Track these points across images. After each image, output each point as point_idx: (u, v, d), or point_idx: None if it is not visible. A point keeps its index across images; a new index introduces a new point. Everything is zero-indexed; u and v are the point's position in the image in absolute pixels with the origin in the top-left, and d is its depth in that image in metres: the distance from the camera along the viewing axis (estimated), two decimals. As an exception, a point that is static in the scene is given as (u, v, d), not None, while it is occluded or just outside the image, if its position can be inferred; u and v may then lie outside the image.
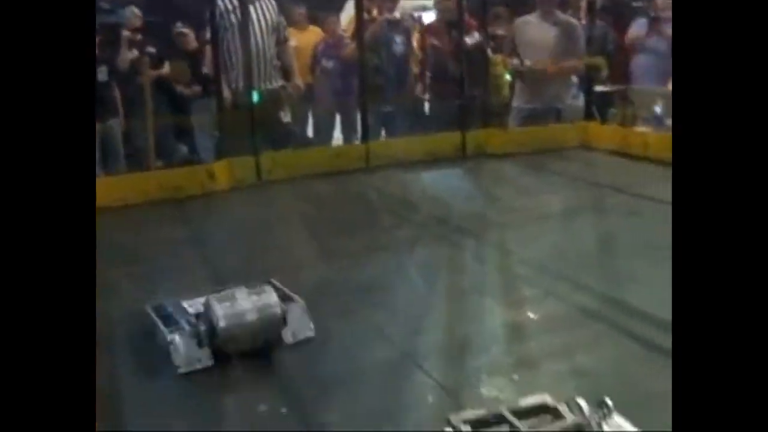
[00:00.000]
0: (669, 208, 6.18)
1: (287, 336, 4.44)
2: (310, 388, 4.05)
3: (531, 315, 4.90)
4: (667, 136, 10.08)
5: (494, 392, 3.92)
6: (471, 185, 9.30)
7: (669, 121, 10.47)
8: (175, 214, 8.18)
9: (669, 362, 4.12)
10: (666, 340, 4.36)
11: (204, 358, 4.21)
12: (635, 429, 3.20)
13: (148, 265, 6.39)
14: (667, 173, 8.98)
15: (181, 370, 4.14)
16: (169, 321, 4.45)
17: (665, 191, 7.84)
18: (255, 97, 9.55)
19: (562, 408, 3.34)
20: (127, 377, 4.22)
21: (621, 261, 5.99)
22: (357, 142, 10.46)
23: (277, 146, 9.96)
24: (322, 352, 4.43)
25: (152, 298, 5.05)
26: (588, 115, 11.43)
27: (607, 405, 3.28)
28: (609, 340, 4.52)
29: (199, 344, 4.19)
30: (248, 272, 5.97)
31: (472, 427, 3.13)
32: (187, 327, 4.30)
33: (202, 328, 4.18)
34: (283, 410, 3.81)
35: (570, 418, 3.24)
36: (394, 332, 4.70)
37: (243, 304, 4.21)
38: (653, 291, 5.11)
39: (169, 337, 4.21)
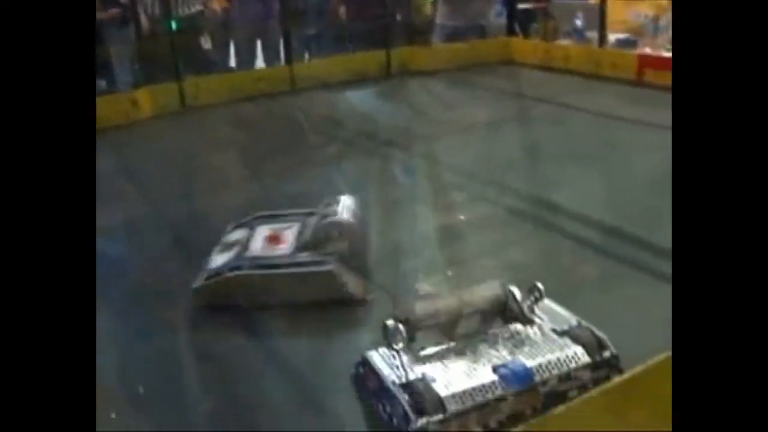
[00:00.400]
0: (591, 117, 6.30)
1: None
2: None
3: (462, 218, 5.05)
4: (588, 48, 10.29)
5: (431, 289, 4.06)
6: (397, 102, 9.34)
7: (589, 34, 10.66)
8: (102, 144, 7.98)
9: (596, 254, 4.40)
10: (591, 234, 4.59)
11: None
12: (565, 312, 3.39)
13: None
14: (588, 84, 9.22)
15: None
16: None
17: (587, 101, 8.14)
18: (173, 24, 9.34)
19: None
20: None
21: (547, 166, 6.17)
22: (280, 65, 10.33)
23: (200, 72, 9.78)
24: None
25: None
26: (510, 31, 11.53)
27: (538, 289, 3.45)
28: (537, 237, 4.71)
29: None
30: (180, 194, 5.99)
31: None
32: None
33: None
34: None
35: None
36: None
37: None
38: (579, 192, 5.34)
39: None
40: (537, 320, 3.30)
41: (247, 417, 3.11)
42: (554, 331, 3.21)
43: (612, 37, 10.42)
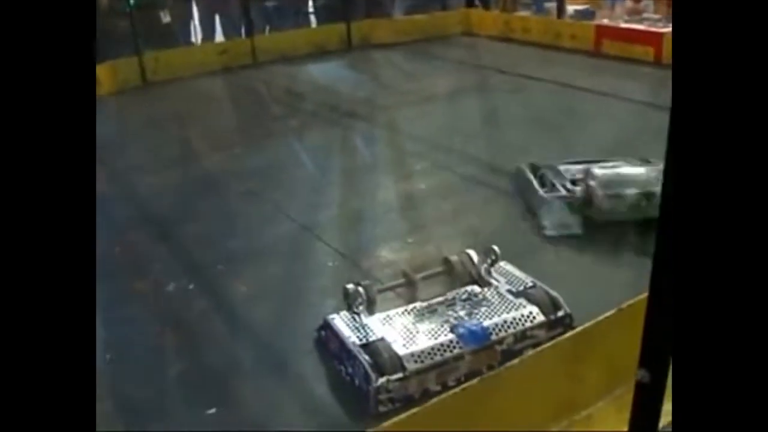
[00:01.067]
0: (550, 86, 6.40)
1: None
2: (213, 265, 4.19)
3: (422, 186, 5.14)
4: (547, 19, 10.39)
5: (391, 255, 4.17)
6: (358, 74, 9.36)
7: (548, 5, 10.76)
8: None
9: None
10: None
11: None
12: (521, 273, 3.51)
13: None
14: (547, 54, 9.33)
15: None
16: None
17: (545, 71, 8.26)
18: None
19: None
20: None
21: (505, 134, 6.28)
22: (241, 38, 10.28)
23: (160, 47, 9.70)
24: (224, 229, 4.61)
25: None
26: (470, 3, 11.60)
27: (494, 252, 3.57)
28: (495, 203, 4.81)
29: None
30: (146, 166, 6.01)
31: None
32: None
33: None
34: (191, 286, 3.95)
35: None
36: (293, 209, 4.86)
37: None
38: (536, 158, 5.42)
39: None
40: (493, 282, 3.42)
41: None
42: (510, 292, 3.31)
43: (571, 8, 10.53)
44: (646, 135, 4.82)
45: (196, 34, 10.98)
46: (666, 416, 1.66)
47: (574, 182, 4.40)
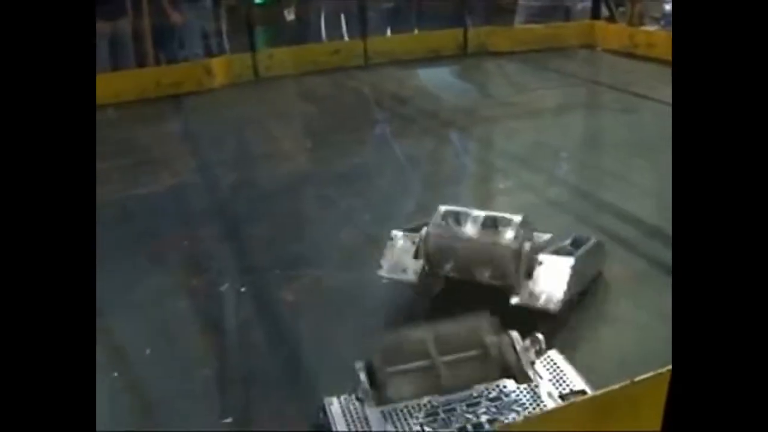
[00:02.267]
0: (665, 108, 6.05)
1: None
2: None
3: (500, 207, 4.93)
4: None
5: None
6: (467, 82, 9.22)
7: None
8: (171, 110, 8.23)
9: (624, 251, 4.23)
10: (626, 231, 4.42)
11: None
12: (572, 370, 2.82)
13: (138, 157, 6.47)
14: (669, 73, 8.91)
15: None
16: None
17: (662, 91, 7.82)
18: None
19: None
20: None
21: (602, 157, 6.00)
22: (356, 39, 10.32)
23: (277, 44, 9.89)
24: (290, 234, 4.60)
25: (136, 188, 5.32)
26: (596, 15, 11.19)
27: (539, 340, 2.88)
28: (571, 231, 4.55)
29: None
30: (235, 161, 6.11)
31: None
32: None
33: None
34: (243, 289, 3.95)
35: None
36: (363, 219, 4.79)
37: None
38: (627, 186, 5.15)
39: None
40: (535, 378, 2.76)
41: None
42: (550, 395, 2.68)
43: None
44: None
45: (315, 33, 11.10)
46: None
47: None
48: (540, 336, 2.88)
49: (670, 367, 1.94)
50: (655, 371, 2.30)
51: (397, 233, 3.77)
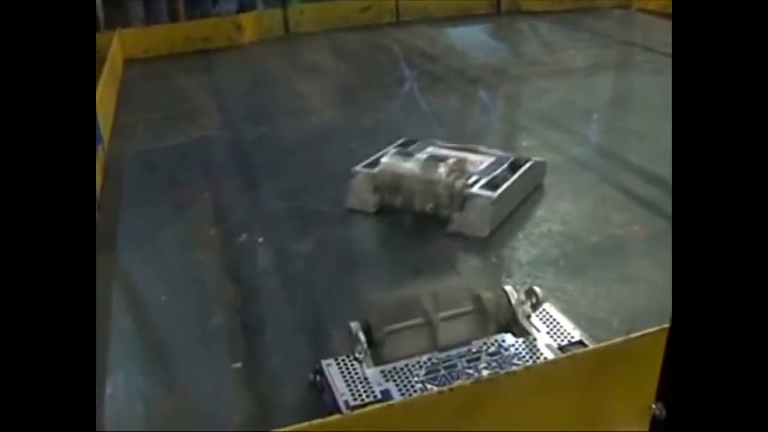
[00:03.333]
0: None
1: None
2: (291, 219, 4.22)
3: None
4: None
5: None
6: (498, 41, 9.11)
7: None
8: (200, 65, 8.26)
9: (644, 210, 4.19)
10: (646, 191, 4.38)
11: None
12: (569, 322, 2.85)
13: (166, 111, 6.52)
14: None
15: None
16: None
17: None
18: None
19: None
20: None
21: (629, 118, 5.90)
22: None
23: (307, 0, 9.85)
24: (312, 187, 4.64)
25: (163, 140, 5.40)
26: (634, -27, 10.96)
27: (535, 294, 2.87)
28: (591, 189, 4.52)
29: None
30: (262, 116, 6.14)
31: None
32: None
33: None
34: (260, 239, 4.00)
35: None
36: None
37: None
38: (653, 146, 5.08)
39: None
40: (533, 331, 2.78)
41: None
42: (550, 347, 2.69)
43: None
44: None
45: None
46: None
47: None
48: (536, 289, 2.88)
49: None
50: (657, 327, 2.31)
51: (359, 169, 4.35)
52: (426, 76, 7.29)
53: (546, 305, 2.90)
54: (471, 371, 2.59)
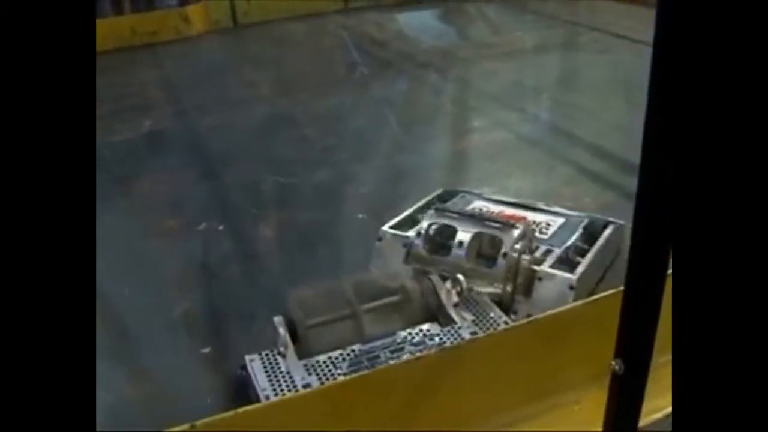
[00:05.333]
0: (642, 48, 6.08)
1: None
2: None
3: (474, 143, 5.01)
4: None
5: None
6: (446, 25, 9.18)
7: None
8: (148, 58, 8.18)
9: (595, 184, 4.30)
10: (600, 167, 4.50)
11: None
12: (497, 309, 2.86)
13: (114, 106, 6.46)
14: (649, 12, 8.93)
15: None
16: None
17: (642, 31, 7.82)
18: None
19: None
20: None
21: (578, 95, 6.02)
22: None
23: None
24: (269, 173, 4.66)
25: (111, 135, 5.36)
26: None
27: (460, 282, 2.85)
28: (543, 166, 4.62)
29: None
30: (213, 106, 6.13)
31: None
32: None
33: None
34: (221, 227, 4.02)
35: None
36: (339, 157, 4.85)
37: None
38: (602, 122, 5.21)
39: None
40: (458, 320, 2.75)
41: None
42: (474, 335, 2.64)
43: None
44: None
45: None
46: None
47: None
48: (461, 277, 2.83)
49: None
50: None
51: (386, 232, 3.38)
52: (376, 62, 7.33)
53: (473, 293, 2.87)
54: (394, 361, 2.55)
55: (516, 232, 3.09)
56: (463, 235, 3.13)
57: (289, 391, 2.47)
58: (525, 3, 9.79)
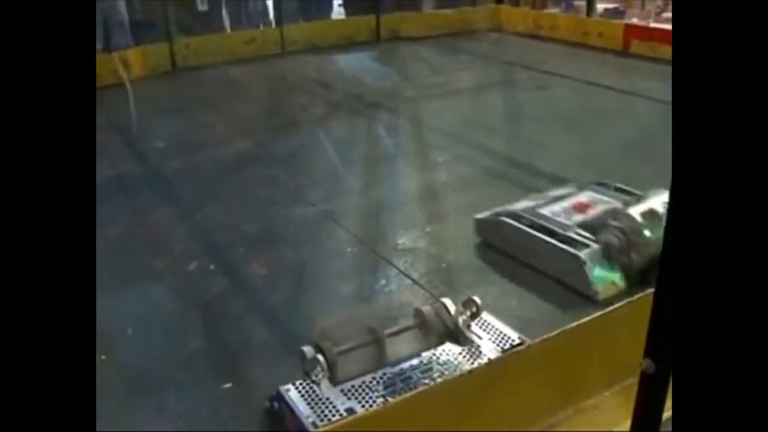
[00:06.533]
0: (575, 84, 6.44)
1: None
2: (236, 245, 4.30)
3: (442, 177, 5.21)
4: (576, 17, 10.41)
5: (409, 243, 4.24)
6: (385, 66, 9.41)
7: (577, 2, 10.78)
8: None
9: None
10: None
11: None
12: (507, 327, 3.06)
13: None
14: (574, 52, 9.33)
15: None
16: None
17: (571, 69, 8.28)
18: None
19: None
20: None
21: (528, 130, 6.31)
22: (271, 27, 10.38)
23: (192, 34, 9.80)
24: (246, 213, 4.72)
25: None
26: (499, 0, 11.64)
27: (475, 303, 3.00)
28: (512, 195, 4.82)
29: None
30: (173, 149, 6.13)
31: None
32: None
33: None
34: (212, 267, 4.06)
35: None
36: (314, 195, 4.96)
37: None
38: (556, 154, 5.49)
39: None
40: (475, 339, 2.95)
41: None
42: (496, 351, 2.88)
43: (600, 7, 10.54)
44: (665, 134, 4.84)
45: (229, 22, 11.02)
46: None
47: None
48: (475, 298, 3.00)
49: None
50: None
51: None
52: (326, 103, 7.50)
53: (484, 314, 3.05)
54: (426, 380, 2.71)
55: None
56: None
57: (333, 416, 2.56)
58: (458, 44, 10.14)
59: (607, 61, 8.84)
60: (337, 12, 11.48)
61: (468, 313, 3.00)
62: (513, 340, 2.97)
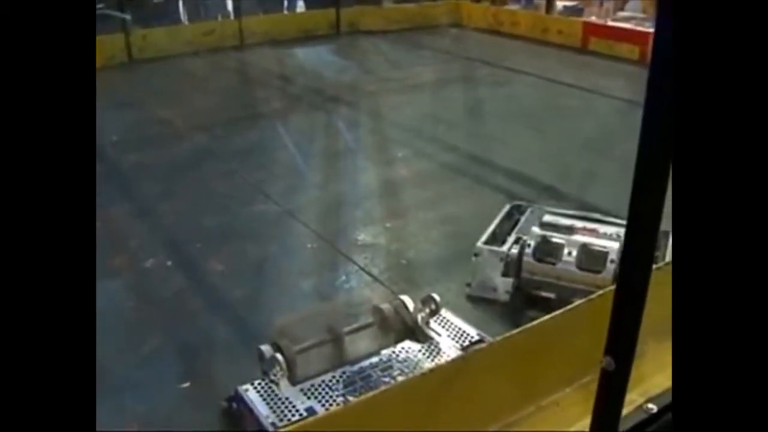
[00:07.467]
0: (535, 80, 6.47)
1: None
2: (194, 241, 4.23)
3: (402, 172, 5.19)
4: (535, 14, 10.47)
5: (369, 239, 4.22)
6: (345, 60, 9.37)
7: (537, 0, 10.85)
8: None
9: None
10: (521, 190, 4.76)
11: None
12: (466, 324, 3.03)
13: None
14: (533, 49, 9.39)
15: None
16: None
17: (531, 65, 8.33)
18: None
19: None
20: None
21: (488, 126, 6.33)
22: (229, 19, 10.27)
23: (149, 25, 9.66)
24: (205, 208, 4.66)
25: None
26: (460, -6, 11.64)
27: (434, 300, 2.98)
28: (472, 191, 4.85)
29: None
30: (130, 144, 6.02)
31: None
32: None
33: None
34: (169, 263, 4.00)
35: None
36: (273, 189, 4.90)
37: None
38: (515, 150, 5.52)
39: None
40: (434, 336, 2.92)
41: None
42: (454, 348, 2.86)
43: (560, 5, 10.61)
44: (624, 132, 4.89)
45: (186, 13, 10.89)
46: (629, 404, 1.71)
47: None
48: (434, 295, 2.97)
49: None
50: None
51: (483, 248, 3.62)
52: (286, 97, 7.43)
53: (443, 311, 3.03)
54: (387, 379, 2.70)
55: (617, 244, 3.49)
56: (572, 246, 3.50)
57: (293, 415, 2.51)
58: (418, 39, 10.13)
59: (566, 58, 8.90)
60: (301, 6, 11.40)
61: (427, 311, 2.97)
62: (472, 337, 2.96)
